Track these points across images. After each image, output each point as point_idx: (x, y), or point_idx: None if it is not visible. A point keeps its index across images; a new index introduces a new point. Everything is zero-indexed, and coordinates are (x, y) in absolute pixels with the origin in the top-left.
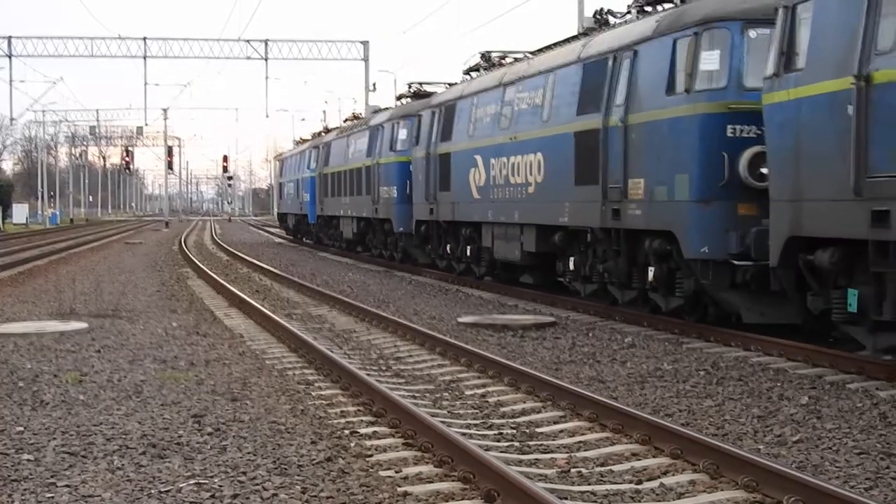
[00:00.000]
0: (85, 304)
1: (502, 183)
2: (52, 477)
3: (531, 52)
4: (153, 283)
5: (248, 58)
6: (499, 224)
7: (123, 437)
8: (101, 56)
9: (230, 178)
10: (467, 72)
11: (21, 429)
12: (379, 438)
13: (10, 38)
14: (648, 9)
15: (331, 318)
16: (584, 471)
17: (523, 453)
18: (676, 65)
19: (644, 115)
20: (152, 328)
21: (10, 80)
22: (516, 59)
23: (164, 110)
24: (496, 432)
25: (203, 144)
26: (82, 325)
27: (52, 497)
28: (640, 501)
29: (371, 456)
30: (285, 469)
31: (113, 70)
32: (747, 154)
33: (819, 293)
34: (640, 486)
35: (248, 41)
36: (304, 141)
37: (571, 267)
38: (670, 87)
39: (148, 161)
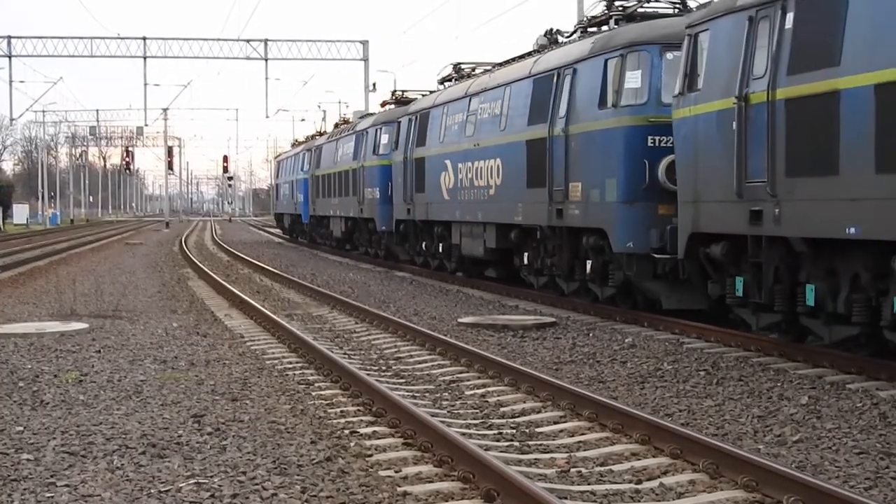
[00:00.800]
0: (85, 304)
1: (468, 185)
2: (51, 477)
3: (496, 65)
4: (153, 284)
5: (248, 58)
6: (465, 223)
7: (123, 436)
8: (100, 56)
9: (230, 178)
10: (441, 81)
11: (21, 428)
12: (379, 438)
13: (9, 37)
14: (593, 29)
15: (331, 318)
16: (583, 470)
17: (523, 453)
18: (607, 82)
19: (581, 126)
20: (152, 328)
21: (10, 81)
22: (485, 71)
23: (164, 110)
24: (496, 432)
25: (203, 145)
26: (83, 325)
27: (52, 497)
28: (639, 501)
29: (371, 456)
30: (285, 469)
31: (113, 70)
32: (665, 161)
33: (716, 281)
34: (639, 486)
35: (247, 41)
36: (299, 143)
37: (526, 261)
38: (602, 102)
39: (148, 161)
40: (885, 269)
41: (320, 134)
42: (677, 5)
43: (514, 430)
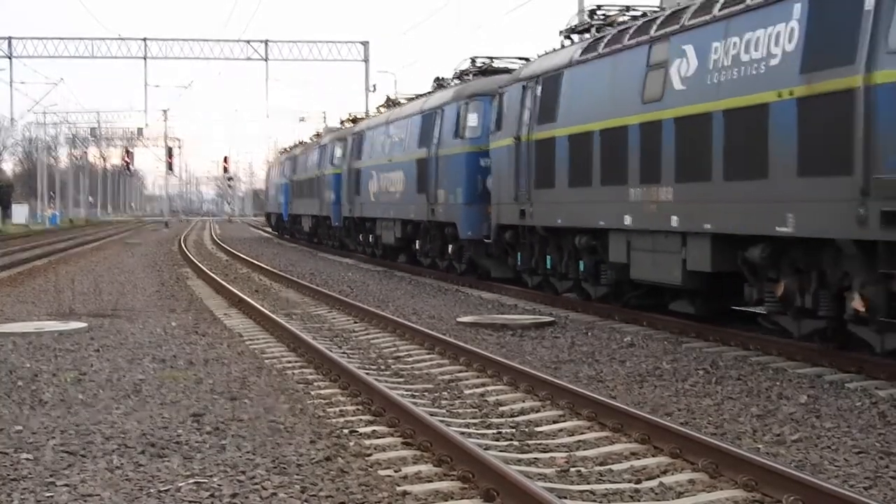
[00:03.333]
0: (84, 303)
1: (385, 191)
2: (51, 476)
3: (409, 98)
4: (152, 283)
5: (249, 59)
6: (383, 219)
7: (122, 436)
8: (101, 57)
9: (230, 178)
10: (378, 108)
11: (20, 428)
12: (378, 438)
13: (10, 38)
14: (468, 78)
15: (330, 317)
16: (583, 470)
17: (522, 452)
18: (459, 120)
19: (445, 150)
20: (151, 328)
21: (11, 82)
22: (409, 100)
23: (165, 111)
24: (495, 431)
25: (203, 145)
26: (81, 324)
27: (52, 496)
28: (639, 500)
29: (370, 455)
30: (284, 468)
31: (113, 71)
32: (490, 176)
33: (513, 256)
34: (639, 486)
35: (248, 42)
36: (285, 152)
37: (418, 247)
38: (455, 134)
39: (148, 162)
40: (578, 244)
41: (301, 144)
42: (522, 59)
43: (514, 430)
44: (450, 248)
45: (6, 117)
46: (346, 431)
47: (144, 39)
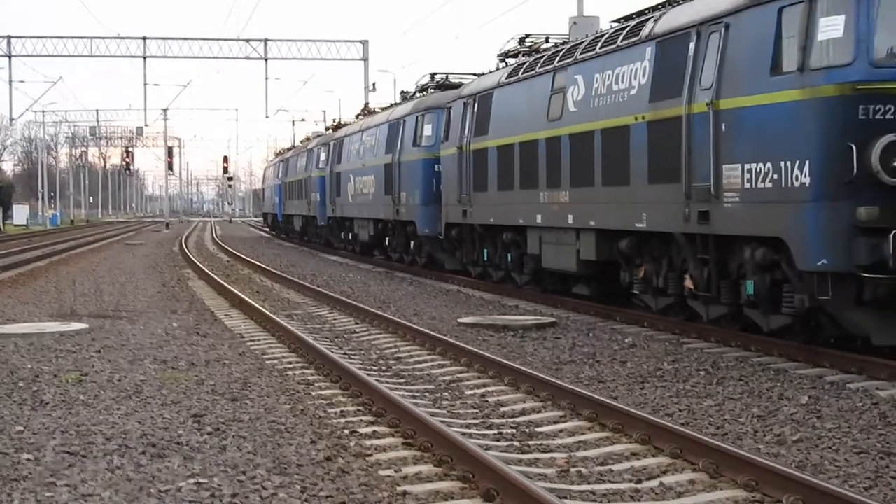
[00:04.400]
0: (85, 304)
1: (360, 193)
2: (51, 476)
3: (383, 108)
4: (153, 284)
5: (248, 58)
6: (359, 218)
7: (123, 436)
8: (100, 56)
9: (230, 178)
10: (356, 115)
11: (21, 428)
12: (378, 438)
13: (9, 37)
14: (432, 91)
15: (331, 318)
16: (583, 470)
17: (523, 453)
18: (417, 130)
19: (406, 156)
20: (152, 328)
21: (10, 81)
22: (382, 110)
23: (164, 110)
24: (496, 432)
25: (203, 145)
26: (82, 325)
27: (52, 496)
28: (639, 501)
29: (371, 455)
30: (285, 468)
31: (113, 70)
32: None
33: (459, 250)
34: (639, 486)
35: (247, 41)
36: (278, 155)
37: (387, 244)
38: (414, 143)
39: (148, 162)
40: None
41: (293, 147)
42: (475, 75)
43: (514, 430)
44: (411, 243)
45: (5, 116)
46: (346, 432)
47: (143, 38)
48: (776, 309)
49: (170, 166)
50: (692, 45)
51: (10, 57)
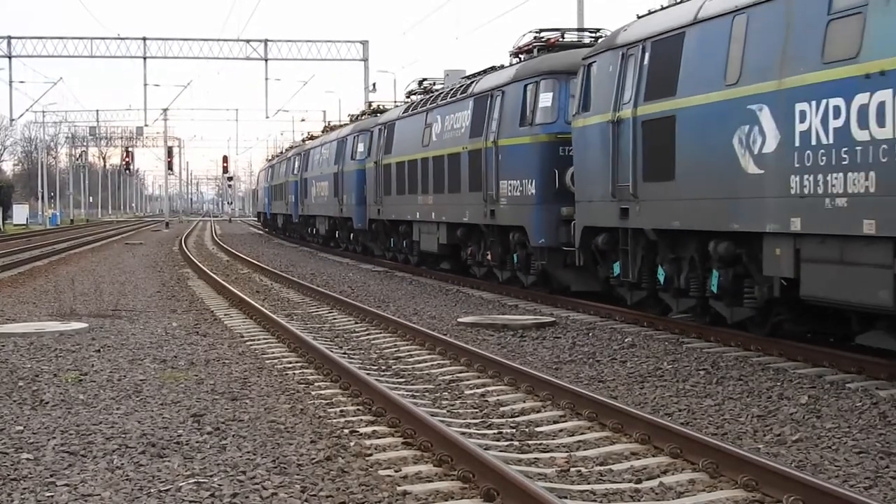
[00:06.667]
0: (85, 304)
1: (319, 195)
2: (51, 476)
3: (345, 123)
4: (153, 284)
5: (248, 58)
6: (318, 216)
7: (123, 436)
8: (100, 56)
9: (230, 178)
10: (322, 130)
11: (21, 428)
12: (378, 438)
13: (9, 38)
14: (365, 116)
15: (331, 318)
16: (583, 470)
17: (523, 452)
18: (353, 147)
19: (347, 167)
20: (152, 328)
21: (10, 81)
22: (334, 128)
23: (164, 111)
24: (496, 431)
25: (203, 145)
26: (82, 325)
27: (52, 496)
28: (639, 500)
29: (370, 455)
30: (285, 468)
31: (113, 70)
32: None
33: (381, 240)
34: (639, 486)
35: (247, 41)
36: (270, 160)
37: (337, 236)
38: (352, 157)
39: (148, 162)
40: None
41: (280, 154)
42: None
43: (514, 430)
44: (351, 236)
45: (5, 117)
46: (346, 431)
47: (144, 39)
48: (526, 271)
49: (170, 166)
50: (489, 102)
51: (10, 57)
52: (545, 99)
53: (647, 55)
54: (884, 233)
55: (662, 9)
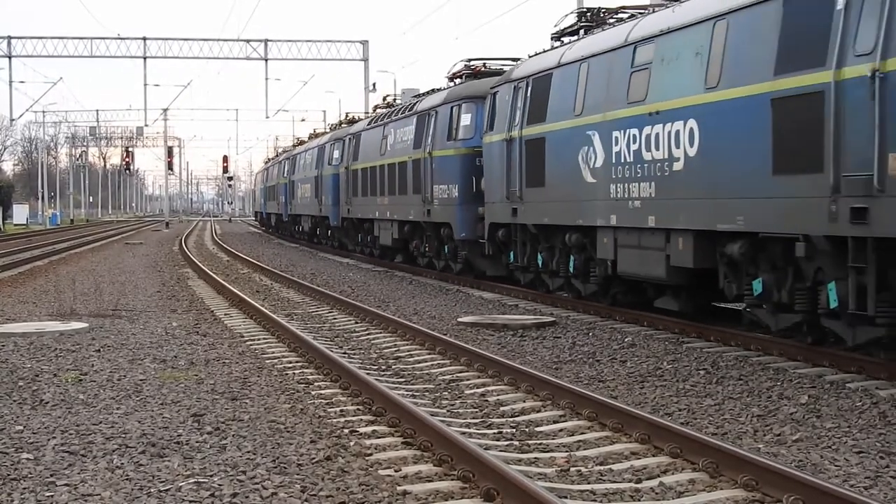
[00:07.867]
0: (85, 304)
1: (304, 196)
2: (51, 476)
3: (327, 131)
4: (153, 284)
5: (248, 58)
6: (303, 215)
7: (123, 436)
8: (100, 56)
9: (230, 178)
10: (309, 136)
11: (21, 428)
12: (378, 437)
13: (9, 38)
14: (342, 125)
15: (331, 317)
16: (583, 469)
17: (523, 452)
18: (331, 153)
19: (325, 171)
20: (152, 328)
21: (10, 81)
22: (319, 134)
23: (164, 111)
24: (496, 431)
25: (203, 145)
26: (82, 324)
27: (52, 496)
28: (639, 500)
29: (370, 455)
30: (285, 468)
31: (113, 70)
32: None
33: (351, 236)
34: (639, 485)
35: (247, 41)
36: (266, 163)
37: (317, 233)
38: (329, 162)
39: (148, 162)
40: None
41: (277, 155)
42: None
43: (514, 430)
44: (329, 233)
45: (6, 117)
46: (346, 431)
47: (144, 39)
48: (455, 261)
49: (170, 166)
50: (427, 119)
51: (10, 57)
52: (466, 118)
53: (530, 88)
54: (660, 225)
55: (545, 51)
